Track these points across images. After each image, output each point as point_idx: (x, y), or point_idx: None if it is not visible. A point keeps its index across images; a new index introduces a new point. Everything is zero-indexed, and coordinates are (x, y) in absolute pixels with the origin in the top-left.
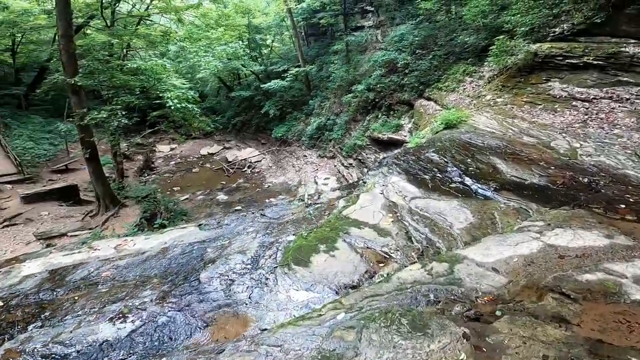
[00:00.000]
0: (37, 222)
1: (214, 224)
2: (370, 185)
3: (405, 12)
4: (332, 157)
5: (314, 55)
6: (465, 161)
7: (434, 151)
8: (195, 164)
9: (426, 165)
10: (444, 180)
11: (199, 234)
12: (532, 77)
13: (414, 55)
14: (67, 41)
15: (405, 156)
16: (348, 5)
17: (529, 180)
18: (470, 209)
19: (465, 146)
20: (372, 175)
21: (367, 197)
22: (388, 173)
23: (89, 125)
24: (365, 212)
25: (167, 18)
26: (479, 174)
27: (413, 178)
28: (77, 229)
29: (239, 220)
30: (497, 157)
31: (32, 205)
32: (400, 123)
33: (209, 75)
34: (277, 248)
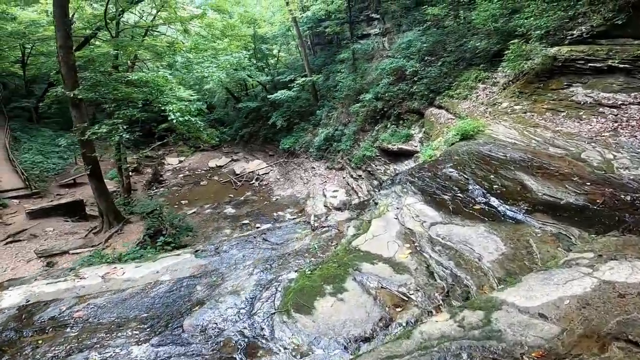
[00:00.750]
0: (41, 238)
1: (211, 250)
2: (382, 208)
3: (412, 18)
4: (341, 169)
5: (321, 64)
6: (488, 178)
7: (451, 166)
8: (203, 176)
9: (444, 183)
10: (466, 201)
11: (194, 262)
12: (552, 83)
13: (422, 62)
14: (66, 52)
15: (420, 172)
16: (353, 13)
17: (564, 199)
18: (501, 236)
19: (486, 160)
20: (384, 195)
21: (380, 224)
22: (402, 193)
23: (91, 140)
24: (378, 242)
25: (173, 29)
26: (506, 193)
27: (431, 199)
28: (79, 246)
29: (239, 245)
30: (523, 172)
31: (38, 220)
32: (410, 133)
33: (217, 87)
34: (276, 288)
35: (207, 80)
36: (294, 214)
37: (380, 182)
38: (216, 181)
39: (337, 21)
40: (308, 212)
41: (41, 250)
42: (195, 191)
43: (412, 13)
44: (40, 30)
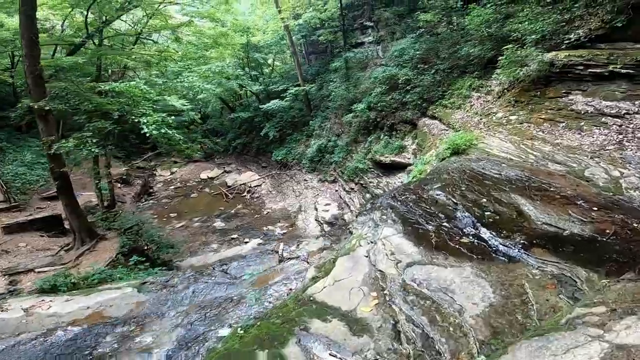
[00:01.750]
0: (13, 254)
1: (160, 283)
2: (354, 242)
3: (405, 26)
4: (334, 182)
5: (315, 73)
6: (479, 202)
7: (439, 188)
8: (194, 188)
9: (430, 209)
10: (452, 233)
11: (135, 297)
12: (550, 90)
13: (415, 71)
14: (32, 62)
15: (405, 195)
16: (347, 22)
17: (567, 229)
18: (490, 280)
19: (478, 179)
20: (360, 223)
21: (347, 264)
22: (381, 221)
23: (59, 155)
24: (339, 289)
25: (165, 36)
26: (499, 222)
27: (412, 230)
28: (46, 264)
29: (194, 278)
30: (520, 194)
31: (13, 235)
32: (403, 144)
33: (210, 96)
34: (199, 350)
35: (196, 90)
36: (284, 228)
37: (373, 195)
38: (207, 193)
39: (331, 29)
40: (299, 226)
41: (6, 268)
42: (186, 203)
43: (406, 20)
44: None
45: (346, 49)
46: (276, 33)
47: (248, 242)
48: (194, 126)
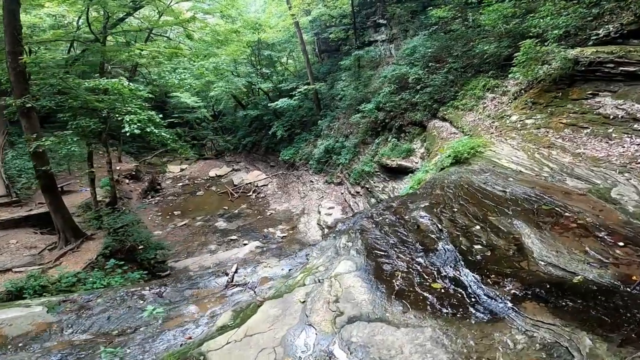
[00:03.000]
0: (0, 251)
1: (80, 302)
2: (299, 278)
3: (419, 23)
4: (340, 184)
5: (326, 72)
6: (470, 230)
7: (426, 208)
8: (201, 186)
9: (407, 237)
10: (425, 273)
11: (40, 318)
12: (573, 91)
13: (426, 69)
14: (14, 58)
15: (384, 215)
16: (360, 19)
17: (579, 273)
18: (452, 350)
19: (477, 197)
20: (320, 250)
21: (273, 310)
22: (344, 250)
23: (44, 153)
24: (247, 347)
25: (176, 31)
26: (489, 261)
27: (375, 266)
28: (25, 264)
29: (120, 299)
30: (525, 221)
31: (7, 232)
32: (411, 147)
33: (222, 93)
34: None
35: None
36: (284, 232)
37: (378, 200)
38: (213, 192)
39: (343, 27)
40: (300, 229)
41: None
42: (191, 201)
43: (419, 17)
44: (40, 34)
45: (356, 47)
46: (287, 30)
47: (247, 244)
48: (205, 123)
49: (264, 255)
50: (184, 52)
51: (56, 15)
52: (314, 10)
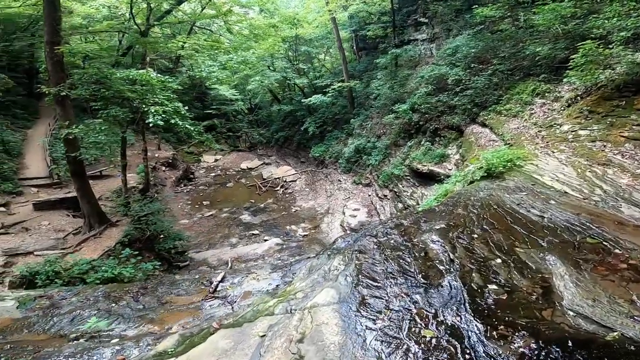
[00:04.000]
0: (33, 232)
1: (51, 300)
2: (271, 303)
3: (463, 22)
4: (368, 185)
5: (362, 70)
6: (488, 264)
7: (440, 231)
8: (232, 177)
9: (410, 265)
10: (419, 315)
11: (7, 314)
12: (639, 100)
13: (468, 70)
14: (51, 48)
15: (391, 235)
16: (401, 17)
17: (616, 327)
18: None
19: (505, 221)
20: (308, 269)
21: (223, 343)
22: (332, 274)
23: (75, 139)
24: None
25: (218, 24)
26: (503, 306)
27: (361, 300)
28: (48, 247)
29: (92, 301)
30: (561, 256)
31: (42, 212)
32: (445, 153)
33: (258, 87)
34: None
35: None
36: (306, 230)
37: (405, 206)
38: (242, 184)
39: (382, 25)
40: (322, 229)
41: (7, 249)
42: (220, 192)
43: (464, 16)
44: (96, 24)
45: (394, 46)
46: (325, 26)
47: (267, 240)
48: (241, 116)
49: (283, 254)
50: (223, 46)
51: (110, 7)
52: (352, 6)
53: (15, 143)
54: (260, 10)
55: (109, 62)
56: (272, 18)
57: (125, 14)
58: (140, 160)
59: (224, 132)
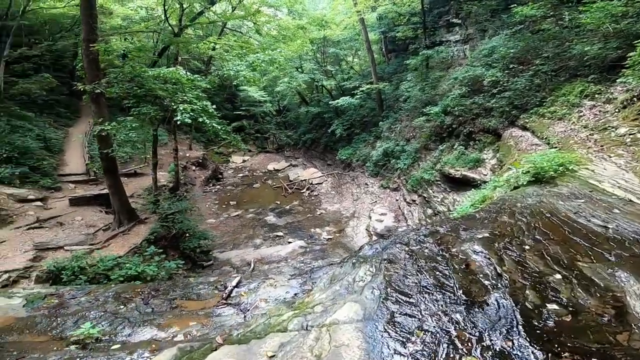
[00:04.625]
0: (66, 227)
1: (61, 298)
2: (285, 317)
3: (500, 22)
4: (396, 190)
5: (392, 72)
6: (545, 280)
7: (483, 240)
8: (259, 179)
9: (447, 279)
10: (459, 338)
11: (13, 311)
12: None
13: (507, 72)
14: (88, 45)
15: (424, 244)
16: (432, 18)
17: None
18: None
19: (562, 231)
20: (329, 279)
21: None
22: (357, 286)
23: (108, 136)
24: None
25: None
26: (566, 328)
27: (390, 318)
28: (77, 242)
29: (101, 302)
30: (633, 271)
31: (77, 208)
32: (480, 157)
33: (287, 89)
34: None
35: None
36: (331, 234)
37: (435, 212)
38: (269, 185)
39: (412, 26)
40: (347, 233)
41: (38, 243)
42: (247, 193)
43: (500, 16)
44: (134, 25)
45: (425, 47)
46: (353, 28)
47: (291, 242)
48: (269, 117)
49: (306, 257)
50: (252, 47)
51: (147, 8)
52: (381, 7)
53: (56, 140)
54: (288, 12)
55: (146, 63)
56: (300, 19)
57: (160, 16)
58: (172, 159)
59: (252, 133)
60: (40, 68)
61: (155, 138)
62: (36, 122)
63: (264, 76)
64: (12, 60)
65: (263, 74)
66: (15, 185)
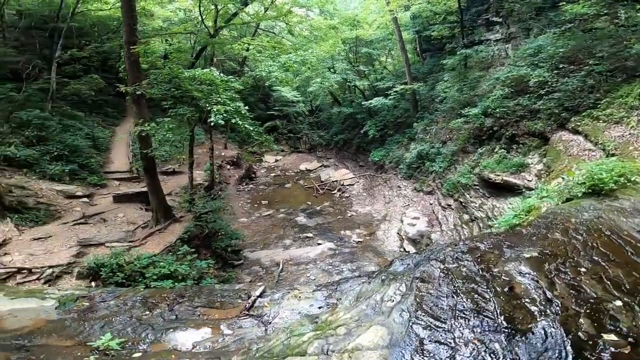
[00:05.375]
0: (108, 223)
1: (92, 301)
2: (306, 337)
3: (546, 20)
4: (430, 193)
5: (427, 72)
6: (603, 307)
7: (532, 261)
8: (291, 179)
9: (487, 303)
10: None
11: (44, 314)
12: None
13: (555, 72)
14: (129, 48)
15: (462, 262)
16: (470, 17)
17: None
18: None
19: (623, 252)
20: (355, 297)
21: None
22: (385, 307)
23: (148, 136)
24: None
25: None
26: None
27: (418, 345)
28: (116, 239)
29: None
30: None
31: (119, 205)
32: (524, 162)
33: (319, 89)
34: None
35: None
36: (361, 236)
37: (472, 218)
38: (300, 185)
39: (449, 25)
40: (378, 237)
41: (82, 239)
42: (279, 192)
43: (547, 14)
44: (173, 27)
45: (462, 46)
46: (385, 27)
47: (321, 244)
48: (302, 117)
49: (335, 259)
50: (285, 47)
51: (185, 10)
52: (414, 5)
53: (104, 139)
54: (320, 12)
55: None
56: (331, 19)
57: (197, 17)
58: (208, 158)
59: (285, 133)
60: (90, 69)
61: (192, 138)
62: (86, 122)
63: (297, 76)
64: (63, 61)
65: (295, 74)
66: (65, 181)
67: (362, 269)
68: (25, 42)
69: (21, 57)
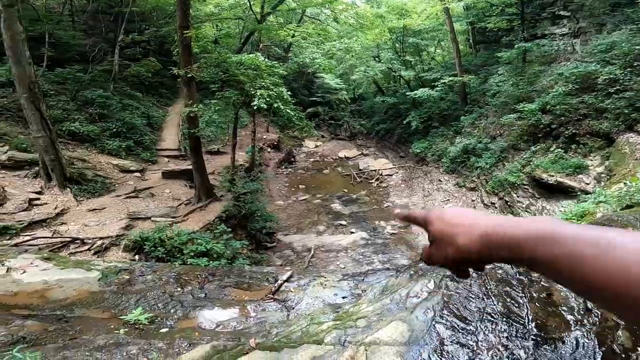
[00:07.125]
0: (155, 198)
1: (132, 274)
2: (325, 326)
3: (622, 16)
4: (473, 189)
5: (479, 64)
6: None
7: None
8: (329, 165)
9: (519, 308)
10: None
11: (88, 285)
12: None
13: (629, 69)
14: (182, 32)
15: (498, 263)
16: (533, 10)
17: None
18: None
19: None
20: (380, 289)
21: None
22: (409, 303)
23: (195, 117)
24: None
25: (323, 15)
26: None
27: (439, 345)
28: (161, 214)
29: (163, 280)
30: None
31: (167, 181)
32: (584, 163)
33: (362, 78)
34: None
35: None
36: (395, 228)
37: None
38: (338, 172)
39: (507, 17)
40: (413, 230)
41: (131, 212)
42: (316, 178)
43: (624, 10)
44: (224, 13)
45: (521, 39)
46: (436, 18)
47: (354, 232)
48: (344, 105)
49: (367, 249)
50: (330, 35)
51: None
52: None
53: (157, 118)
54: (366, 0)
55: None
56: (378, 8)
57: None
58: (250, 140)
59: (326, 119)
60: (148, 52)
61: (236, 120)
62: (142, 102)
63: (341, 64)
64: (125, 45)
65: (339, 62)
66: (121, 156)
67: (393, 261)
68: (92, 26)
69: (88, 40)
